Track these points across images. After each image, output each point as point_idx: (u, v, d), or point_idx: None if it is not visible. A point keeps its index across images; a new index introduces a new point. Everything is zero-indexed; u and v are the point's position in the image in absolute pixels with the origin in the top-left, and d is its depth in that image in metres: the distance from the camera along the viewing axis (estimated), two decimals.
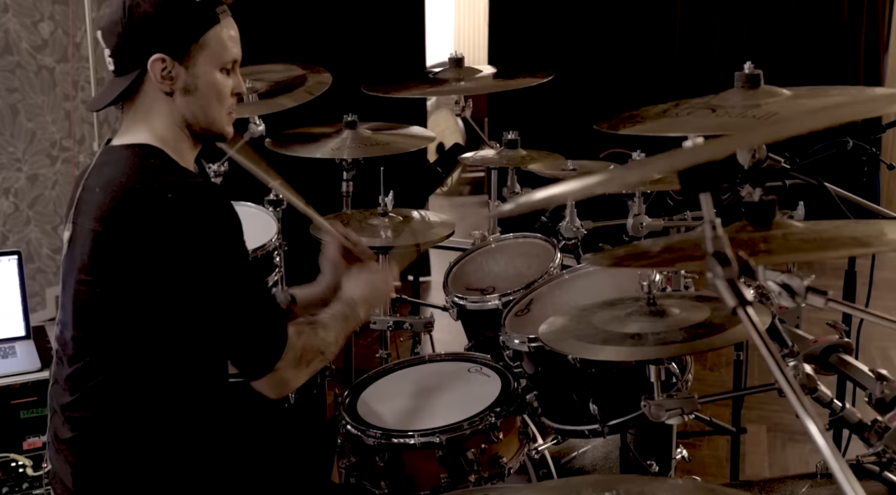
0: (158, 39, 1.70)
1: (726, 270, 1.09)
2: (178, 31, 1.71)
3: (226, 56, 1.76)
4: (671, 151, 0.99)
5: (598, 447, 2.62)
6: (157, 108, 1.75)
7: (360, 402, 2.20)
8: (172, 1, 1.71)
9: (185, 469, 1.78)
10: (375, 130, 2.84)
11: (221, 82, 1.76)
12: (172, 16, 1.71)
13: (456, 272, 2.55)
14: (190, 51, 1.72)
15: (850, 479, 0.94)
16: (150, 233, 1.63)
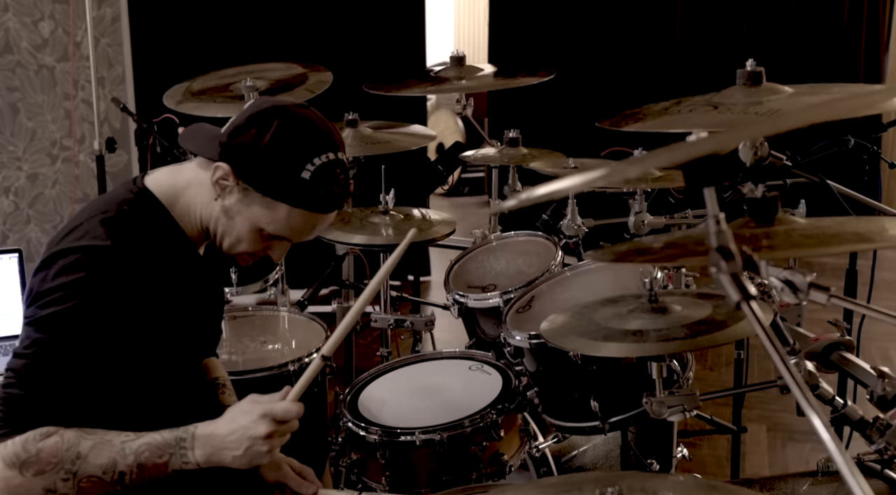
0: (243, 159, 1.57)
1: (730, 265, 1.10)
2: (259, 173, 1.57)
3: (277, 230, 1.62)
4: (673, 145, 0.99)
5: (598, 445, 2.62)
6: (204, 191, 1.63)
7: (360, 400, 2.20)
8: (285, 153, 1.55)
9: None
10: (376, 129, 2.84)
11: (256, 238, 1.64)
12: (270, 160, 1.56)
13: (457, 270, 2.55)
14: (254, 194, 1.59)
15: (854, 473, 0.94)
16: (37, 273, 1.57)
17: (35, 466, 1.51)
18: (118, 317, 1.55)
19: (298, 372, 2.37)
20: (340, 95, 3.00)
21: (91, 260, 1.54)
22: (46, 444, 1.52)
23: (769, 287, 1.57)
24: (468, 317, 2.45)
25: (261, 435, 1.55)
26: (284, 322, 2.69)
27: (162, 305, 1.62)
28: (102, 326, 1.54)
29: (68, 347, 1.53)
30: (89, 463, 1.53)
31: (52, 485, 1.53)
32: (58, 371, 1.54)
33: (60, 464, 1.52)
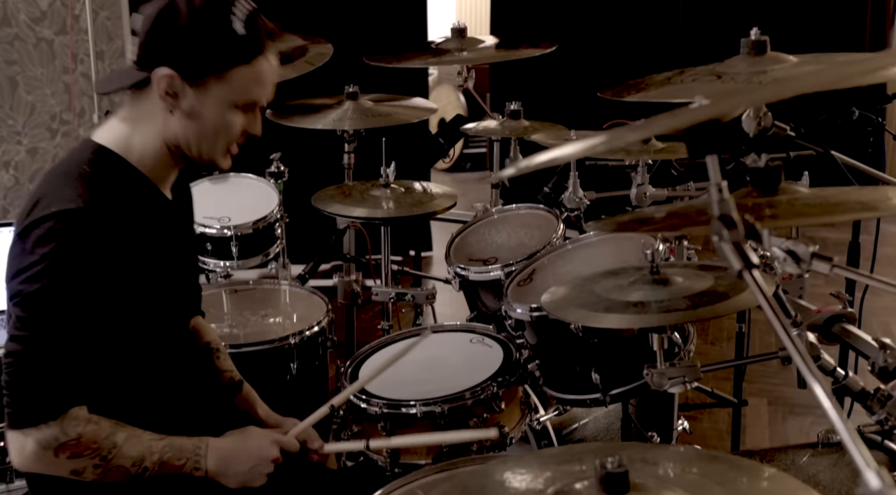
0: (177, 55, 1.55)
1: (732, 233, 1.09)
2: (201, 57, 1.55)
3: (246, 96, 1.61)
4: (674, 111, 0.97)
5: (599, 418, 2.63)
6: (153, 117, 1.61)
7: (361, 372, 2.20)
8: (210, 22, 1.55)
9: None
10: (377, 102, 2.82)
11: (231, 120, 1.62)
12: (202, 38, 1.55)
13: (458, 243, 2.54)
14: (206, 80, 1.57)
15: (856, 441, 0.93)
16: (14, 247, 1.54)
17: (72, 450, 1.53)
18: (103, 278, 1.54)
19: (299, 346, 2.37)
20: (341, 68, 2.99)
21: (65, 225, 1.51)
22: (87, 430, 1.54)
23: (771, 258, 1.57)
24: (469, 290, 2.45)
25: (268, 458, 1.67)
26: (285, 295, 2.69)
27: (142, 256, 1.61)
28: (90, 290, 1.53)
29: (63, 320, 1.53)
30: (123, 453, 1.57)
31: (81, 469, 1.55)
32: (61, 346, 1.53)
33: (98, 451, 1.55)
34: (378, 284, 2.70)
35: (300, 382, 2.40)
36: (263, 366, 2.35)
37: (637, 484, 1.12)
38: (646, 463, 1.30)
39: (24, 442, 1.52)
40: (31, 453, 1.52)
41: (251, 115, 1.66)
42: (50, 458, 1.52)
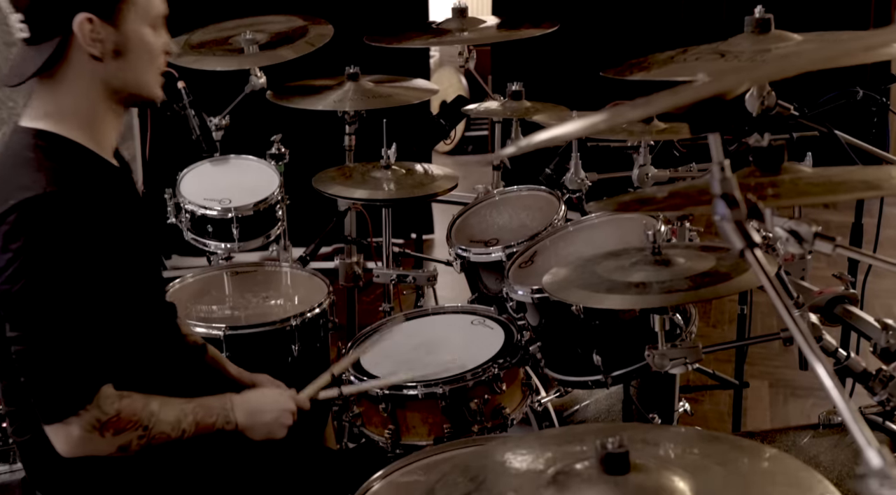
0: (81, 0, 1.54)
1: (734, 212, 1.08)
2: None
3: (154, 10, 1.62)
4: (676, 88, 0.96)
5: (600, 400, 2.63)
6: (80, 80, 1.59)
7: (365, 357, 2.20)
8: None
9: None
10: (378, 82, 2.81)
11: (151, 42, 1.62)
12: None
13: (459, 224, 2.54)
14: (119, 7, 1.57)
15: (859, 424, 0.93)
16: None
17: (115, 426, 1.56)
18: (81, 256, 1.53)
19: (300, 328, 2.37)
20: (342, 49, 2.97)
21: (30, 214, 1.50)
22: (123, 404, 1.57)
23: (774, 239, 1.56)
24: (470, 271, 2.44)
25: (289, 409, 1.78)
26: (287, 278, 2.69)
27: (109, 228, 1.60)
28: (73, 272, 1.53)
29: (59, 307, 1.52)
30: (161, 420, 1.61)
31: (126, 443, 1.58)
32: (67, 333, 1.53)
33: (139, 422, 1.59)
34: (379, 266, 2.70)
35: (301, 364, 2.40)
36: (265, 347, 2.35)
37: (637, 464, 1.11)
38: (646, 444, 1.29)
39: (69, 431, 1.54)
40: (79, 439, 1.54)
41: (162, 32, 1.66)
42: (97, 440, 1.55)
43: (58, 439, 1.55)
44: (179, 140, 2.78)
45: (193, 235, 2.71)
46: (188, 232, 2.71)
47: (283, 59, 2.77)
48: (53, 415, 1.53)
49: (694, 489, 1.11)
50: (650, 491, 1.11)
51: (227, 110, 2.90)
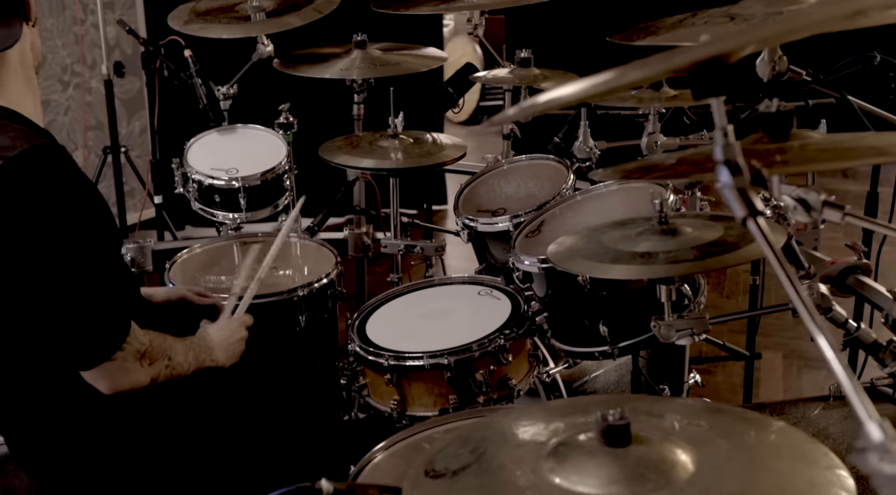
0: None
1: (737, 179, 1.05)
2: None
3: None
4: (674, 50, 0.93)
5: (610, 371, 2.61)
6: (23, 51, 1.62)
7: (369, 324, 2.19)
8: None
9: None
10: (386, 50, 2.77)
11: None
12: None
13: (467, 194, 2.51)
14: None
15: (861, 396, 0.90)
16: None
17: (150, 356, 1.63)
18: (90, 200, 1.57)
19: (308, 298, 2.35)
20: (351, 16, 2.92)
21: (32, 163, 1.49)
22: (150, 336, 1.65)
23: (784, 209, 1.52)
24: (478, 242, 2.42)
25: (244, 336, 1.94)
26: (295, 248, 2.67)
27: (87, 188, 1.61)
28: (89, 211, 1.56)
29: (88, 248, 1.55)
30: (177, 351, 1.71)
31: (156, 373, 1.66)
32: (95, 272, 1.57)
33: (164, 352, 1.67)
34: (387, 237, 2.68)
35: (309, 334, 2.39)
36: (272, 318, 2.34)
37: (639, 436, 1.10)
38: (651, 416, 1.27)
39: (116, 367, 1.58)
40: (125, 372, 1.60)
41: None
42: (138, 370, 1.62)
43: (104, 378, 1.59)
44: (187, 109, 2.77)
45: (201, 205, 2.70)
46: (196, 202, 2.70)
47: (290, 26, 2.74)
48: (98, 356, 1.57)
49: (696, 461, 1.09)
50: (651, 464, 1.09)
51: (235, 79, 2.88)
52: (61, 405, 1.70)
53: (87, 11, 4.24)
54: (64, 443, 1.72)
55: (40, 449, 1.73)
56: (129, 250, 2.70)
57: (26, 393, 1.69)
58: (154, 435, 1.76)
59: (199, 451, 1.82)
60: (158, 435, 1.76)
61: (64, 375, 1.63)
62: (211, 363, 1.81)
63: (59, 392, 1.68)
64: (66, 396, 1.69)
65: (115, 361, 1.57)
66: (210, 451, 1.84)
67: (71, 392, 1.68)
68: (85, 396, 1.67)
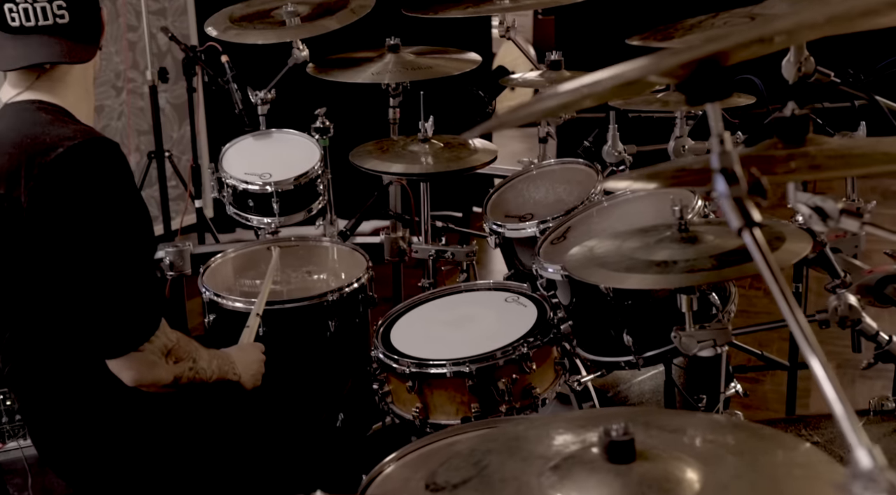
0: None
1: (733, 188, 1.00)
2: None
3: None
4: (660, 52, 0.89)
5: (645, 380, 2.55)
6: (87, 71, 1.76)
7: (394, 330, 2.18)
8: None
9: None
10: (419, 54, 2.75)
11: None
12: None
13: (496, 199, 2.48)
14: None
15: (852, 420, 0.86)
16: (39, 190, 1.59)
17: (176, 353, 1.68)
18: (135, 195, 1.68)
19: (338, 302, 2.35)
20: (393, 20, 2.89)
21: (89, 154, 1.60)
22: (178, 334, 1.70)
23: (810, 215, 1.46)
24: (506, 247, 2.39)
25: (263, 360, 1.98)
26: (328, 252, 2.68)
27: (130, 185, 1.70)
28: (134, 207, 1.66)
29: (130, 242, 1.63)
30: (202, 356, 1.74)
31: (180, 373, 1.69)
32: (133, 264, 1.64)
33: (190, 353, 1.71)
34: (418, 241, 2.66)
35: (340, 339, 2.39)
36: (302, 323, 2.34)
37: (645, 452, 1.06)
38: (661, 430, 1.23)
39: (141, 358, 1.62)
40: (149, 365, 1.64)
41: None
42: (162, 366, 1.66)
43: (129, 368, 1.63)
44: (229, 114, 2.79)
45: (235, 210, 2.72)
46: (230, 206, 2.73)
47: (326, 29, 2.74)
48: (127, 345, 1.62)
49: (702, 479, 1.05)
50: (654, 481, 1.05)
51: (272, 84, 2.90)
52: (89, 410, 1.74)
53: (140, 19, 4.33)
54: (91, 447, 1.75)
55: (68, 452, 1.77)
56: (169, 254, 2.75)
57: (56, 398, 1.73)
58: (182, 439, 1.78)
59: (223, 455, 1.84)
60: (186, 440, 1.79)
61: (93, 378, 1.67)
62: (233, 377, 1.85)
63: (87, 397, 1.72)
64: (94, 401, 1.73)
65: (142, 353, 1.62)
66: (235, 456, 1.85)
67: (99, 397, 1.71)
68: (113, 401, 1.71)
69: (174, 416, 1.80)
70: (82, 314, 1.62)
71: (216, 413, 1.89)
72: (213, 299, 2.34)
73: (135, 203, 1.66)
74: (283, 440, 1.98)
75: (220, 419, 1.89)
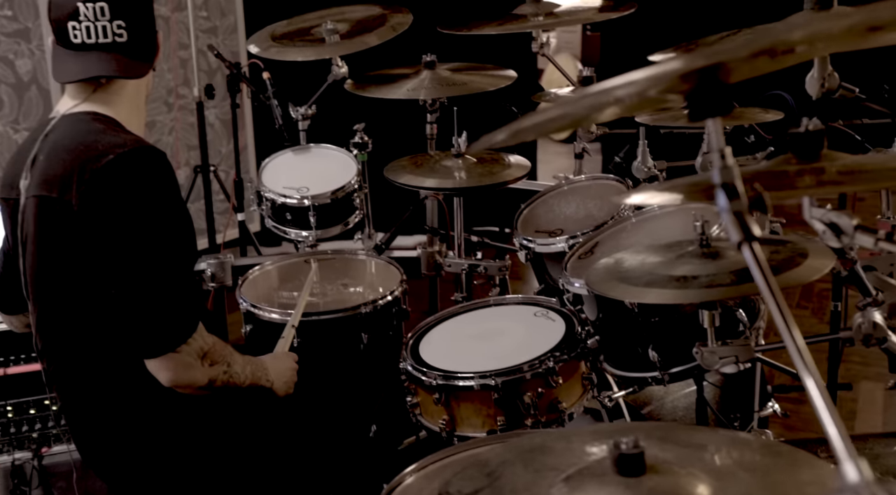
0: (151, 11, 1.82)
1: (734, 203, 1.01)
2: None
3: None
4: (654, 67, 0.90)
5: (680, 398, 2.53)
6: (140, 87, 1.85)
7: (423, 343, 2.20)
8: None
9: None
10: (455, 70, 2.78)
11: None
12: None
13: (527, 214, 2.49)
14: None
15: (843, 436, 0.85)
16: (89, 194, 1.66)
17: (211, 356, 1.73)
18: (180, 203, 1.76)
19: (371, 315, 2.38)
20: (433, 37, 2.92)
21: (139, 161, 1.68)
22: (213, 339, 1.75)
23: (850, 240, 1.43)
24: (536, 262, 2.40)
25: (295, 369, 2.02)
26: (364, 266, 2.71)
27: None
28: (179, 213, 1.74)
29: (175, 246, 1.70)
30: (236, 360, 1.79)
31: (215, 376, 1.74)
32: (180, 268, 1.72)
33: (224, 357, 1.76)
34: (452, 255, 2.69)
35: (373, 351, 2.41)
36: (336, 334, 2.37)
37: (656, 466, 1.07)
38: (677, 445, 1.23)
39: (178, 359, 1.68)
40: (186, 366, 1.69)
41: None
42: (198, 368, 1.71)
43: (166, 368, 1.68)
44: (270, 130, 2.85)
45: (274, 223, 2.77)
46: (269, 219, 2.78)
47: (365, 45, 2.78)
48: (165, 345, 1.67)
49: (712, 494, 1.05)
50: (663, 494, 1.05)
51: (312, 100, 2.95)
52: (128, 411, 1.79)
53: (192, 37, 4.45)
54: (129, 449, 1.80)
55: (107, 452, 1.82)
56: (210, 265, 2.81)
57: (96, 398, 1.79)
58: (218, 446, 1.83)
59: (257, 461, 1.88)
60: (222, 446, 1.83)
61: (133, 380, 1.73)
62: (266, 383, 1.89)
63: (127, 398, 1.78)
64: (133, 403, 1.78)
65: (179, 354, 1.67)
66: (268, 462, 1.89)
67: (138, 399, 1.77)
68: (151, 403, 1.76)
69: (212, 422, 1.85)
70: (124, 314, 1.68)
71: (252, 420, 1.93)
72: (249, 310, 2.39)
73: (179, 210, 1.74)
74: (315, 449, 2.02)
75: (255, 426, 1.93)
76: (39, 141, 1.76)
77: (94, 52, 1.73)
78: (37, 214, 1.71)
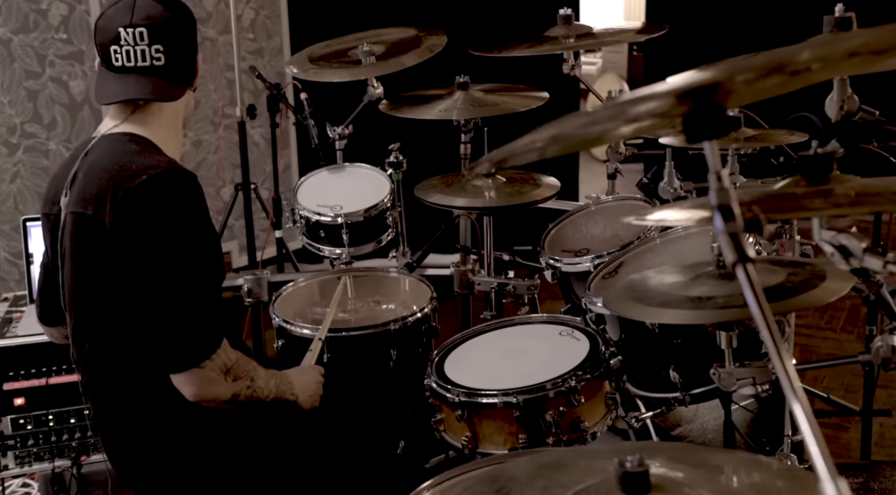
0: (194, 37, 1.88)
1: (729, 224, 1.02)
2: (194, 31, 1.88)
3: None
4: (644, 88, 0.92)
5: (708, 420, 2.51)
6: (178, 110, 1.92)
7: (448, 360, 2.22)
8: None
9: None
10: (488, 91, 2.81)
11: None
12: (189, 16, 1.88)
13: (554, 234, 2.50)
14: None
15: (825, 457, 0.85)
16: (122, 212, 1.72)
17: (235, 372, 1.78)
18: (209, 223, 1.80)
19: (400, 331, 2.41)
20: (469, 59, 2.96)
21: (172, 181, 1.74)
22: (238, 354, 1.80)
23: None
24: (563, 281, 2.41)
25: (321, 382, 2.07)
26: (396, 283, 2.75)
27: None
28: (208, 232, 1.79)
29: (202, 264, 1.75)
30: (259, 375, 1.84)
31: (238, 391, 1.79)
32: (207, 285, 1.77)
33: (248, 373, 1.81)
34: (482, 274, 2.71)
35: (402, 368, 2.44)
36: (365, 350, 2.40)
37: (661, 485, 1.08)
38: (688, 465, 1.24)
39: (202, 374, 1.73)
40: (209, 381, 1.74)
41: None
42: (221, 383, 1.76)
43: (190, 383, 1.74)
44: (307, 149, 2.90)
45: (308, 240, 2.82)
46: (303, 237, 2.83)
47: (401, 66, 2.83)
48: (189, 361, 1.72)
49: None
50: None
51: (349, 120, 3.01)
52: (156, 424, 1.85)
53: (238, 58, 4.56)
54: (156, 460, 1.86)
55: (136, 463, 1.88)
56: (248, 281, 2.87)
57: (126, 410, 1.85)
58: (246, 460, 1.87)
59: (285, 476, 1.91)
60: (251, 460, 1.88)
61: (161, 393, 1.78)
62: (291, 397, 1.93)
63: (155, 411, 1.83)
64: (161, 416, 1.83)
65: (203, 370, 1.72)
66: (295, 477, 1.92)
67: (166, 412, 1.82)
68: (179, 417, 1.81)
69: (239, 436, 1.89)
70: (150, 329, 1.74)
71: (279, 434, 1.96)
72: (282, 325, 2.44)
73: (206, 230, 1.79)
74: (342, 464, 2.05)
75: (282, 440, 1.97)
76: (80, 159, 1.84)
77: (133, 75, 1.80)
78: (73, 230, 1.78)
